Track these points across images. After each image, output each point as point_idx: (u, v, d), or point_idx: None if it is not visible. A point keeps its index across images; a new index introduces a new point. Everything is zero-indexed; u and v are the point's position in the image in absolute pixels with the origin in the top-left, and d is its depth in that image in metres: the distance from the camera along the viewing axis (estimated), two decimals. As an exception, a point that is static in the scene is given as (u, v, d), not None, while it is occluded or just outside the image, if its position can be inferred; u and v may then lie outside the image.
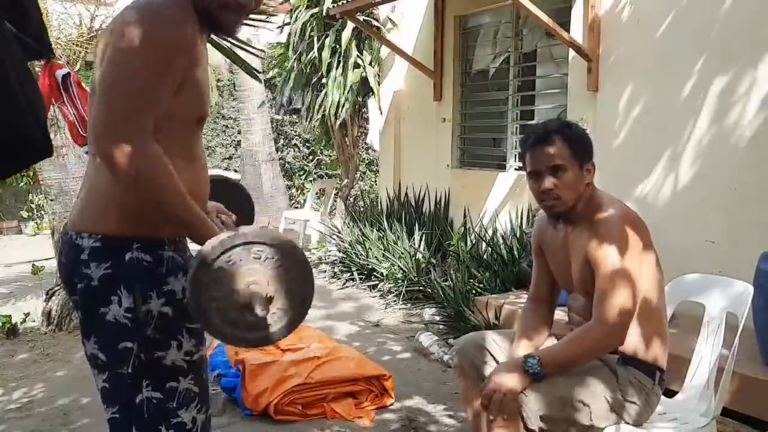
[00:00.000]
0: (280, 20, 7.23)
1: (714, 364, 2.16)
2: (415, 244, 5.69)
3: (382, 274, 5.58)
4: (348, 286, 5.91)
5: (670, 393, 2.20)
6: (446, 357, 3.82)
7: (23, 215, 9.81)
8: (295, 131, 11.63)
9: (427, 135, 6.38)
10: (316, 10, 6.58)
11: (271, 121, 10.74)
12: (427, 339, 4.07)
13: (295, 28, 6.81)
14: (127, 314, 1.39)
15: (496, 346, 2.19)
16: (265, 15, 4.62)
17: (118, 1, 6.34)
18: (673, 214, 3.97)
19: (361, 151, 9.00)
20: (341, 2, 5.81)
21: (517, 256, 4.72)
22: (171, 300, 1.43)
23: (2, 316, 4.48)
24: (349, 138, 7.31)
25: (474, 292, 4.53)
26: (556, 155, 1.99)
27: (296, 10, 6.85)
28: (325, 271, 6.37)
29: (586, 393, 1.89)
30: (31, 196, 9.76)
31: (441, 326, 4.40)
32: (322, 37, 6.67)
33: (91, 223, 1.42)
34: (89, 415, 3.15)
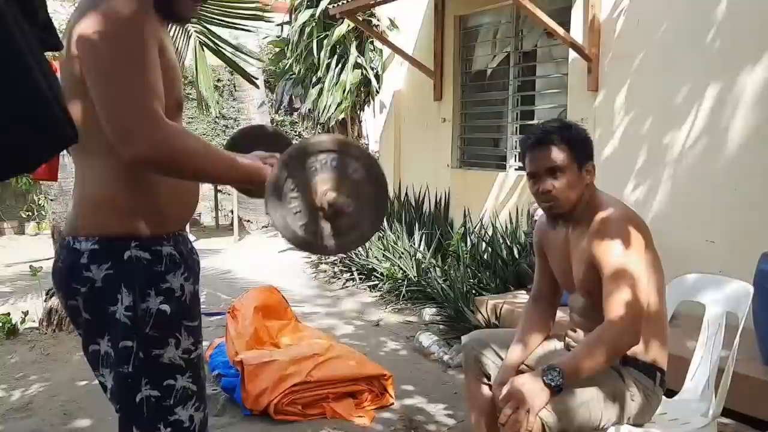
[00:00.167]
0: (280, 18, 7.23)
1: (714, 364, 2.16)
2: (415, 244, 5.69)
3: (382, 274, 5.58)
4: (348, 286, 5.91)
5: (670, 393, 2.20)
6: (446, 357, 3.82)
7: (23, 215, 9.81)
8: (295, 131, 11.63)
9: (427, 135, 6.38)
10: (316, 9, 6.57)
11: (271, 121, 10.74)
12: (427, 339, 4.07)
13: (295, 29, 6.81)
14: (127, 313, 1.39)
15: (501, 344, 2.19)
16: (262, 13, 4.61)
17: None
18: (673, 214, 3.97)
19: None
20: (341, 2, 5.81)
21: (517, 256, 4.72)
22: (170, 298, 1.43)
23: (2, 315, 4.48)
24: (349, 138, 7.32)
25: (474, 292, 4.53)
26: (555, 157, 1.98)
27: (296, 10, 6.85)
28: (325, 271, 6.37)
29: (597, 396, 1.87)
30: (32, 196, 9.76)
31: (441, 326, 4.40)
32: (322, 38, 6.67)
33: (87, 227, 1.42)
34: (89, 415, 3.14)
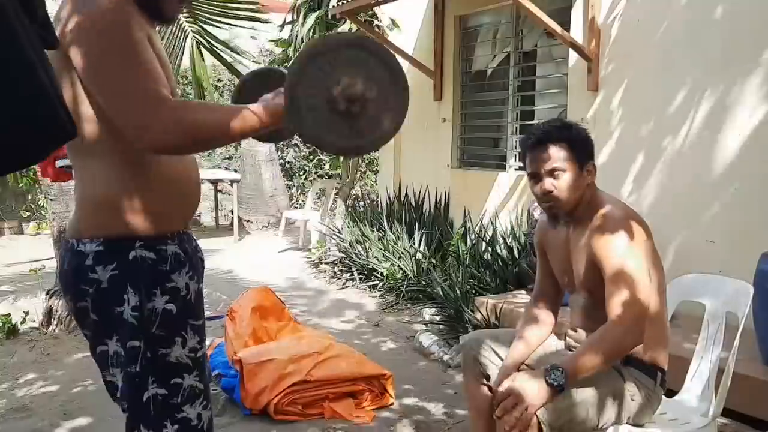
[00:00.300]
0: (278, 18, 7.20)
1: (714, 364, 2.16)
2: (415, 244, 5.69)
3: (382, 274, 5.58)
4: (348, 286, 5.91)
5: (670, 393, 2.20)
6: (446, 357, 3.82)
7: (23, 215, 9.81)
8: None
9: (427, 135, 6.38)
10: (321, 12, 6.56)
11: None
12: (427, 339, 4.07)
13: (303, 32, 6.77)
14: (134, 313, 1.40)
15: (500, 344, 2.19)
16: (256, 14, 4.61)
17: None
18: (673, 214, 3.97)
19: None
20: (341, 2, 5.81)
21: (517, 256, 4.72)
22: (175, 297, 1.44)
23: (2, 315, 4.48)
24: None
25: (474, 292, 4.53)
26: (555, 157, 1.98)
27: (299, 12, 6.82)
28: (325, 271, 6.37)
29: (596, 395, 1.87)
30: (31, 196, 9.76)
31: (441, 326, 4.39)
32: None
33: (91, 229, 1.42)
34: (89, 415, 3.14)
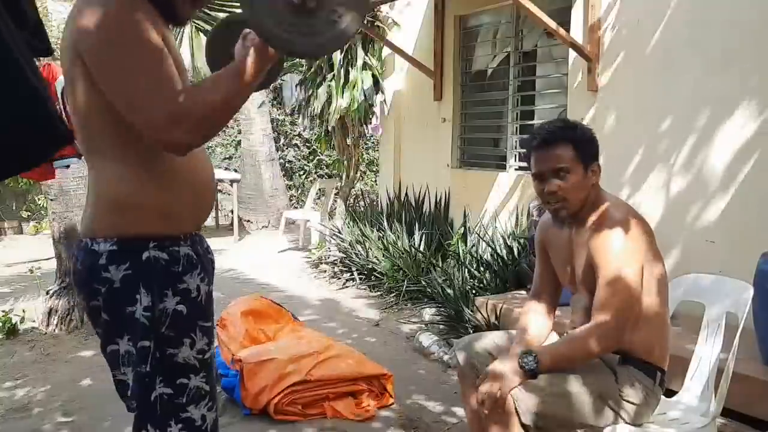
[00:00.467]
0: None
1: (714, 364, 2.16)
2: (415, 244, 5.69)
3: (382, 274, 5.58)
4: (348, 286, 5.91)
5: (670, 393, 2.20)
6: (446, 357, 3.82)
7: (23, 215, 9.81)
8: (295, 131, 11.63)
9: (427, 135, 6.38)
10: None
11: (272, 121, 10.74)
12: (427, 339, 4.07)
13: None
14: (146, 313, 1.41)
15: (496, 347, 2.19)
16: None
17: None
18: (673, 214, 3.97)
19: (362, 150, 8.97)
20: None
21: (517, 256, 4.72)
22: (186, 298, 1.45)
23: (2, 316, 4.48)
24: (350, 138, 7.29)
25: (474, 292, 4.53)
26: (561, 158, 1.98)
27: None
28: (325, 271, 6.37)
29: (581, 390, 1.89)
30: (32, 196, 9.76)
31: (441, 326, 4.40)
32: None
33: (104, 228, 1.43)
34: (89, 415, 3.14)
